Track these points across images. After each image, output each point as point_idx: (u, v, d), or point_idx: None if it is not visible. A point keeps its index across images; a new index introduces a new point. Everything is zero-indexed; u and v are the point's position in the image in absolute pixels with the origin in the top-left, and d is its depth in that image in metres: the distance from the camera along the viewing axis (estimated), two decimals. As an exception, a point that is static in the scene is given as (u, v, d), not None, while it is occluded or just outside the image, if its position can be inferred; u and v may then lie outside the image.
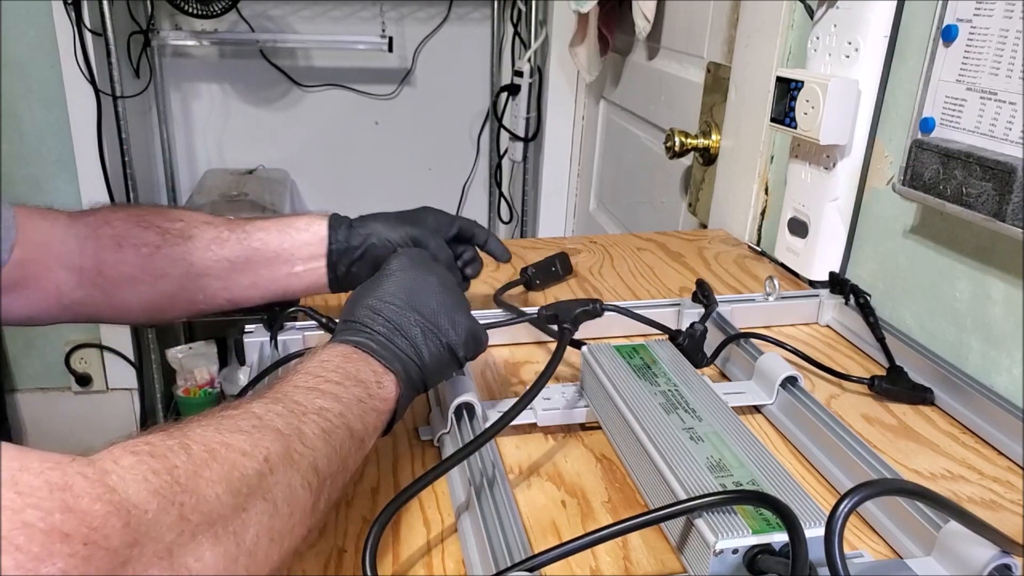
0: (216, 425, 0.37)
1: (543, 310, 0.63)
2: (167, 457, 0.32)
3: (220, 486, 0.33)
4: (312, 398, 0.43)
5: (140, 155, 1.93)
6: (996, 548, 0.41)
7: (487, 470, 0.49)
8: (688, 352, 0.63)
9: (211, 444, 0.35)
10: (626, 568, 0.46)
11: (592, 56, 1.59)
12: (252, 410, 0.39)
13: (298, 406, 0.41)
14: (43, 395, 2.10)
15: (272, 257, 0.65)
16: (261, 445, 0.37)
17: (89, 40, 1.73)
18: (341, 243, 0.66)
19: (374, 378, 0.47)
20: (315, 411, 0.42)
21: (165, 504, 0.30)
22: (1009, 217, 0.58)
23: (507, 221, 2.24)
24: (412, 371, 0.50)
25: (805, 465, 0.57)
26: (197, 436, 0.35)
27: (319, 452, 0.40)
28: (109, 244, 0.63)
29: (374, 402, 0.46)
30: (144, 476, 0.30)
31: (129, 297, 0.64)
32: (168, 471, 0.31)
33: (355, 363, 0.47)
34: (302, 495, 0.38)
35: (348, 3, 1.99)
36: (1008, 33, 0.60)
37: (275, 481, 0.36)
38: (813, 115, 0.78)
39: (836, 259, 0.85)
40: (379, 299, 0.51)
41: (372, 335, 0.49)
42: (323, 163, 2.16)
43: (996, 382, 0.65)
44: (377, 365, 0.48)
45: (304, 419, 0.41)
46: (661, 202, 1.45)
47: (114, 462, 0.30)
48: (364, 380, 0.46)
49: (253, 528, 0.34)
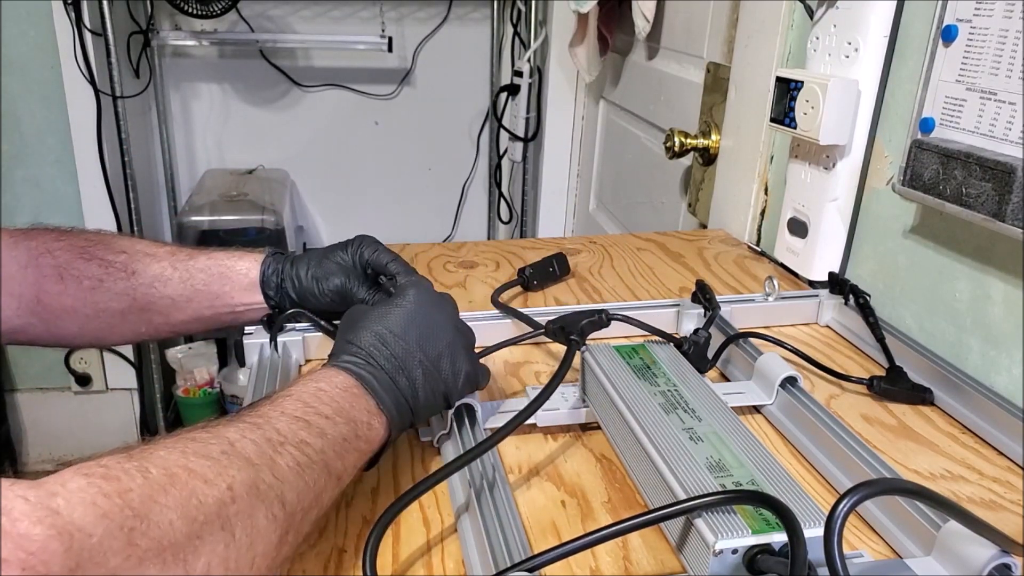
0: (183, 448, 0.36)
1: (550, 323, 0.62)
2: (120, 480, 0.31)
3: (174, 512, 0.33)
4: (296, 429, 0.42)
5: (140, 155, 1.93)
6: (996, 548, 0.41)
7: (487, 473, 0.49)
8: (693, 359, 0.63)
9: (172, 469, 0.34)
10: (626, 568, 0.46)
11: (592, 56, 1.59)
12: (226, 435, 0.39)
13: (277, 435, 0.41)
14: (43, 395, 2.10)
15: (212, 297, 0.65)
16: (227, 473, 0.36)
17: (89, 40, 1.73)
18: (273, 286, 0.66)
19: (366, 418, 0.47)
20: (295, 443, 0.41)
21: (112, 528, 0.30)
22: (1009, 217, 0.58)
23: (507, 221, 2.24)
24: (404, 414, 0.50)
25: (805, 465, 0.57)
26: (159, 460, 0.34)
27: (288, 485, 0.39)
28: (50, 274, 0.62)
29: (359, 443, 0.46)
30: (92, 499, 0.30)
31: (69, 327, 0.64)
32: (120, 494, 0.31)
33: (351, 399, 0.47)
34: (265, 527, 0.37)
35: (348, 3, 1.99)
36: (1008, 33, 0.60)
37: (236, 511, 0.36)
38: (813, 115, 0.78)
39: (836, 259, 0.85)
40: (389, 331, 0.51)
41: (376, 371, 0.49)
42: (323, 163, 2.16)
43: (996, 382, 0.65)
44: (373, 406, 0.48)
45: (281, 450, 0.40)
46: (661, 202, 1.45)
47: (61, 485, 0.30)
48: (355, 419, 0.46)
49: (205, 557, 0.34)
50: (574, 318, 0.61)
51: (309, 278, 0.65)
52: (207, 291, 0.65)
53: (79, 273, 0.63)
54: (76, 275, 0.62)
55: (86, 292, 0.63)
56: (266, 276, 0.66)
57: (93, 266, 0.63)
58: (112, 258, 0.64)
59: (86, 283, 0.63)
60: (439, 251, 0.96)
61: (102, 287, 0.63)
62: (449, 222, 2.28)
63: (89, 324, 0.64)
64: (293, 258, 0.67)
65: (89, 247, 0.64)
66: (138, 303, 0.64)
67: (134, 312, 0.64)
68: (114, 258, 0.64)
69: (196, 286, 0.65)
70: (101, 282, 0.63)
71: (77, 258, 0.63)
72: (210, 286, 0.65)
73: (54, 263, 0.62)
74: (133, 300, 0.64)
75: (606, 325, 0.62)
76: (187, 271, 0.65)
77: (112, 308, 0.64)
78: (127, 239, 0.67)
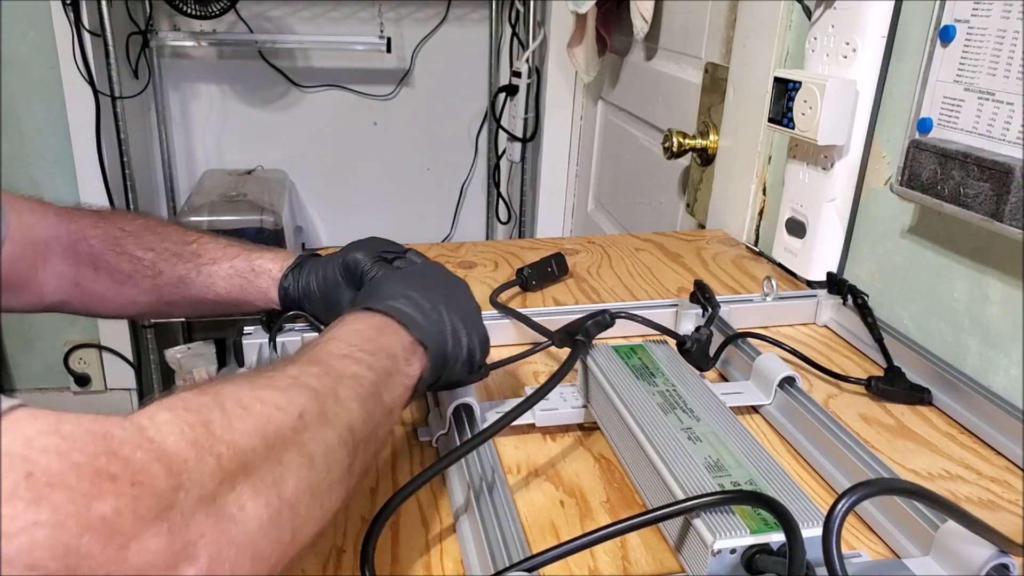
0: (251, 383, 0.37)
1: (557, 333, 0.62)
2: (201, 412, 0.33)
3: (256, 438, 0.34)
4: (347, 364, 0.43)
5: (139, 156, 1.93)
6: (994, 548, 0.41)
7: (487, 475, 0.49)
8: (695, 357, 0.63)
9: (244, 400, 0.35)
10: (624, 568, 0.46)
11: (590, 57, 1.59)
12: (287, 371, 0.40)
13: (333, 369, 0.42)
14: (42, 395, 2.10)
15: (233, 304, 0.68)
16: (296, 401, 0.37)
17: (88, 41, 1.73)
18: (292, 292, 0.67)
19: (403, 353, 0.47)
20: (350, 376, 0.42)
21: (203, 453, 0.31)
22: (1007, 217, 0.58)
23: (505, 221, 2.24)
24: (440, 349, 0.50)
25: (803, 465, 0.57)
26: (231, 393, 0.35)
27: (354, 414, 0.40)
28: (86, 262, 0.65)
29: (401, 377, 0.47)
30: (180, 429, 0.31)
31: (105, 308, 0.69)
32: (203, 424, 0.32)
33: (388, 335, 0.48)
34: (339, 452, 0.39)
35: (346, 4, 1.99)
36: (1006, 33, 0.60)
37: (310, 436, 0.37)
38: (811, 115, 0.78)
39: (834, 259, 0.85)
40: (413, 288, 0.52)
41: (407, 305, 0.50)
42: (322, 164, 2.16)
43: (994, 382, 0.65)
44: (409, 338, 0.48)
45: (340, 382, 0.41)
46: (659, 202, 1.45)
47: (149, 418, 0.31)
48: (395, 354, 0.47)
49: (292, 480, 0.35)
50: (578, 322, 0.61)
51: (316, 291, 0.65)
52: (228, 297, 0.67)
53: (110, 266, 0.66)
54: (108, 268, 0.66)
55: (117, 284, 0.66)
56: (285, 293, 0.66)
57: (123, 261, 0.66)
58: (141, 255, 0.66)
59: (116, 276, 0.66)
60: (438, 251, 0.96)
61: (131, 282, 0.66)
62: (448, 222, 2.29)
63: (122, 310, 0.69)
64: (310, 268, 0.66)
65: (122, 239, 0.66)
66: (164, 299, 0.67)
67: (162, 305, 0.68)
68: (143, 255, 0.66)
69: (218, 292, 0.67)
70: (130, 277, 0.66)
71: (109, 250, 0.66)
72: (231, 293, 0.67)
73: (90, 252, 0.65)
74: (159, 296, 0.67)
75: (610, 325, 0.62)
76: (209, 277, 0.67)
77: (141, 301, 0.67)
78: (158, 231, 0.68)
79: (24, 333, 2.05)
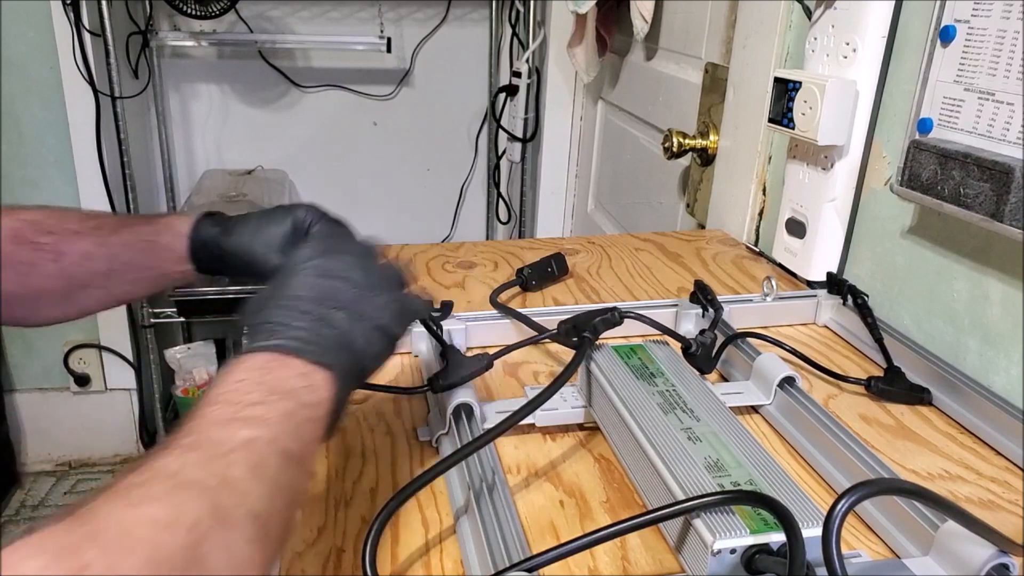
0: (127, 497, 0.32)
1: (562, 324, 0.61)
2: (77, 555, 0.28)
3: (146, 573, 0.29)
4: (234, 431, 0.37)
5: (139, 156, 1.93)
6: (994, 548, 0.41)
7: (487, 476, 0.49)
8: (699, 360, 0.63)
9: (126, 524, 0.30)
10: (624, 568, 0.46)
11: (590, 57, 1.59)
12: (167, 466, 0.34)
13: (218, 447, 0.36)
14: (42, 395, 2.10)
15: (143, 269, 0.63)
16: (184, 510, 0.32)
17: (88, 41, 1.73)
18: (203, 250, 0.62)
19: (301, 383, 0.42)
20: (241, 445, 0.37)
21: None
22: (1007, 217, 0.58)
23: (505, 221, 2.24)
24: (345, 361, 0.44)
25: (803, 465, 0.57)
26: (106, 515, 0.31)
27: (254, 496, 0.35)
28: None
29: (307, 411, 0.41)
30: None
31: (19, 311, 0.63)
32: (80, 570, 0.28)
33: (275, 372, 0.42)
34: (246, 551, 0.34)
35: (346, 4, 1.99)
36: (1006, 33, 0.60)
37: (210, 548, 0.32)
38: (811, 116, 0.78)
39: (834, 259, 0.85)
40: (290, 297, 0.46)
41: (293, 331, 0.44)
42: (322, 164, 2.16)
43: (994, 382, 0.65)
44: (302, 365, 0.43)
45: (229, 461, 0.36)
46: (659, 202, 1.45)
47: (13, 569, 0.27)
48: (290, 389, 0.41)
49: None
50: (585, 318, 0.60)
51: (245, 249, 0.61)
52: (135, 264, 0.62)
53: (12, 259, 0.60)
54: (10, 263, 0.60)
55: (21, 277, 0.60)
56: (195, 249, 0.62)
57: (25, 250, 0.60)
58: (41, 240, 0.61)
59: (20, 268, 0.60)
60: (438, 251, 0.96)
61: (35, 271, 0.61)
62: (448, 222, 2.28)
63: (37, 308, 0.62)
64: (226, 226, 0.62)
65: (22, 229, 0.61)
66: (75, 282, 0.62)
67: (75, 290, 0.62)
68: (43, 240, 0.61)
69: (123, 260, 0.62)
70: (34, 266, 0.61)
71: (10, 243, 0.61)
72: (136, 260, 0.62)
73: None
74: (69, 279, 0.61)
75: (619, 323, 0.60)
76: (110, 247, 0.62)
77: (51, 289, 0.61)
78: (58, 216, 0.64)
79: (24, 333, 2.05)
